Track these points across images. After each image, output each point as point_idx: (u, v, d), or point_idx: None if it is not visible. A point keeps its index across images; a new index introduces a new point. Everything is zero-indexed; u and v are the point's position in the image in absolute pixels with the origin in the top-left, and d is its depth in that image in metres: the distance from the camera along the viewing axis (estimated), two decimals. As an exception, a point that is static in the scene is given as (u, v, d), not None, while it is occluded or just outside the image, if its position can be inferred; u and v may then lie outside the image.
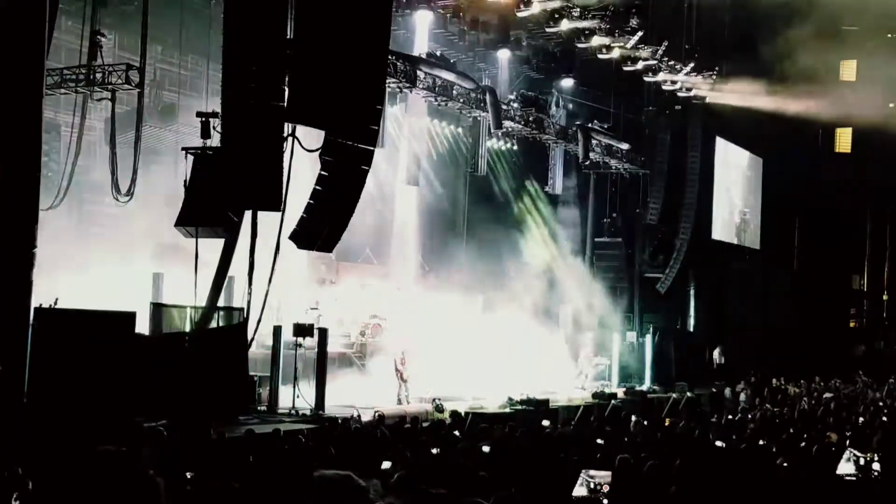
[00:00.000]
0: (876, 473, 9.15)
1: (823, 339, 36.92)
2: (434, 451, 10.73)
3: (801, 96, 33.81)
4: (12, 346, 12.93)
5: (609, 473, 7.49)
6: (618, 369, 27.10)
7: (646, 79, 28.10)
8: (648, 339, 28.24)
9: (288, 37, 15.32)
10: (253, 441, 11.96)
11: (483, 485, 7.72)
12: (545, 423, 15.51)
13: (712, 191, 33.27)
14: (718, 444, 12.83)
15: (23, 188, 13.22)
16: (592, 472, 7.51)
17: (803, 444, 12.44)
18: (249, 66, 14.88)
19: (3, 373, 12.20)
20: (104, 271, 20.11)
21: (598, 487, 7.40)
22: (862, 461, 9.19)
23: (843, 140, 39.13)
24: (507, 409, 19.31)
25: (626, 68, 26.76)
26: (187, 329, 16.45)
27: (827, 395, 23.65)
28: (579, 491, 7.45)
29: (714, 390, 26.37)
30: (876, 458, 9.33)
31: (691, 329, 33.17)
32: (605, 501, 7.37)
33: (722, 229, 34.43)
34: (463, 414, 17.23)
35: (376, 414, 15.83)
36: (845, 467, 9.06)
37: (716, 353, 31.23)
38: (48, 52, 13.89)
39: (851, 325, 42.43)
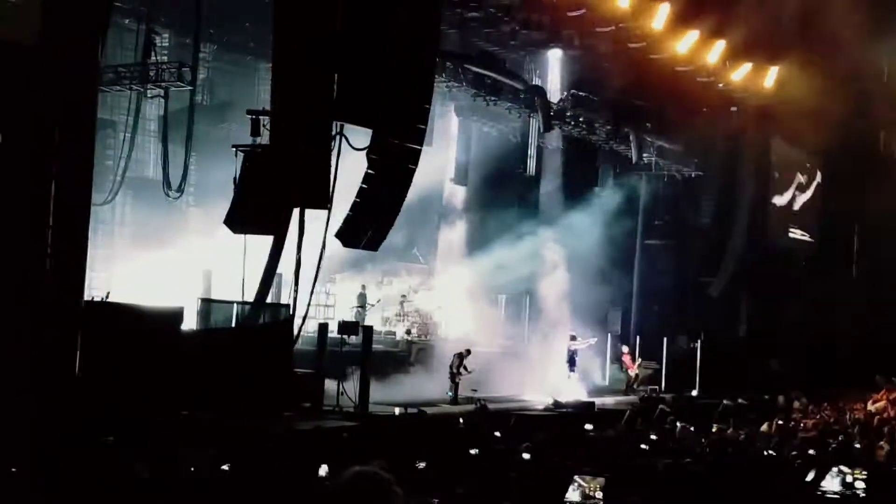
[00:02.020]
0: (860, 492, 8.71)
1: (886, 345, 35.88)
2: (472, 451, 10.67)
3: (860, 97, 32.94)
4: (64, 339, 13.20)
5: (602, 479, 7.38)
6: (666, 374, 26.72)
7: (699, 79, 27.61)
8: (699, 343, 27.75)
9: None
10: (294, 437, 12.03)
11: (514, 487, 7.66)
12: (588, 426, 15.34)
13: (768, 193, 32.58)
14: (767, 452, 12.51)
15: (76, 183, 13.52)
16: (587, 477, 7.41)
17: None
18: (299, 65, 15.01)
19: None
20: (155, 266, 20.47)
21: (591, 492, 7.31)
22: (849, 478, 8.78)
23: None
24: (552, 412, 19.14)
25: (678, 68, 26.33)
26: (234, 325, 16.65)
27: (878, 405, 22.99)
28: (572, 496, 7.34)
29: (766, 397, 25.82)
30: (862, 476, 8.88)
31: (744, 334, 32.49)
32: None
33: (778, 232, 33.71)
34: (506, 415, 17.18)
35: (421, 412, 15.88)
36: (831, 484, 8.67)
37: (772, 360, 30.54)
38: (103, 49, 14.16)
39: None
